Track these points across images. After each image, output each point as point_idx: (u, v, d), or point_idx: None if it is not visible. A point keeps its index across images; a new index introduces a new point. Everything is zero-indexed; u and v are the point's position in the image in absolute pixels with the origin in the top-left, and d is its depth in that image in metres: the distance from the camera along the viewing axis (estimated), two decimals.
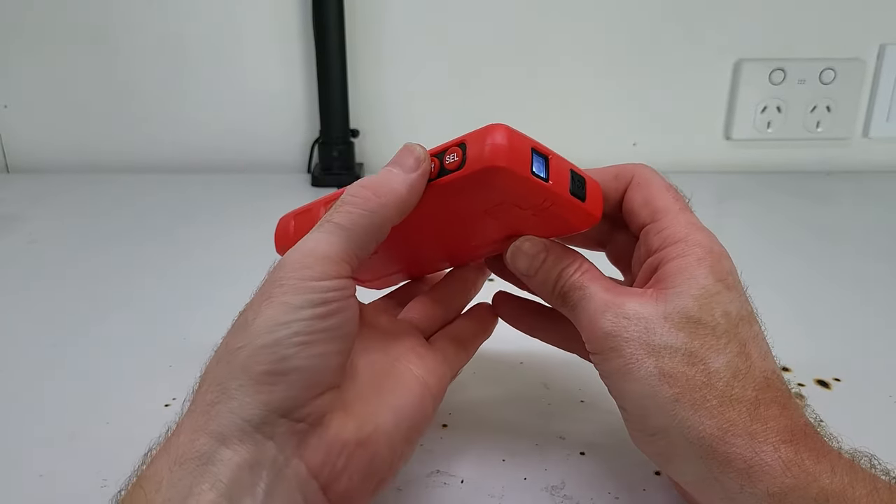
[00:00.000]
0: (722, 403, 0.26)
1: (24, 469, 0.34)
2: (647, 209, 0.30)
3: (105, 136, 0.85)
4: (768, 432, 0.25)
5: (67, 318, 0.50)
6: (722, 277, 0.28)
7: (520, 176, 0.27)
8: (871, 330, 0.49)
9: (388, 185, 0.28)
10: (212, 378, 0.26)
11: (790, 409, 0.26)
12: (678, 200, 0.30)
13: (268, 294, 0.26)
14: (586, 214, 0.29)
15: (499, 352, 0.45)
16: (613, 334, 0.28)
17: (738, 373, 0.26)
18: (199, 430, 0.25)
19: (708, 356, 0.26)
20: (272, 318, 0.25)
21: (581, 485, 0.33)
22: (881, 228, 0.68)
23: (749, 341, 0.27)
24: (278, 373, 0.25)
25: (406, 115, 0.84)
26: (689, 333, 0.27)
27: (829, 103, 0.81)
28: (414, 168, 0.28)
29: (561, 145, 0.29)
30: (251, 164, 0.86)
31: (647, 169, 0.32)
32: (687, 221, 0.29)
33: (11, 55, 0.82)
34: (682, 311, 0.27)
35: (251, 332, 0.25)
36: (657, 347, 0.27)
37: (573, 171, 0.29)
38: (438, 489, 0.33)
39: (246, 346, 0.25)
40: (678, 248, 0.29)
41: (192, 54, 0.82)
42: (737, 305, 0.28)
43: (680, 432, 0.26)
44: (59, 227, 0.68)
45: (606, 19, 0.80)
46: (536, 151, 0.27)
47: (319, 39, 0.77)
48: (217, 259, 0.60)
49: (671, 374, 0.26)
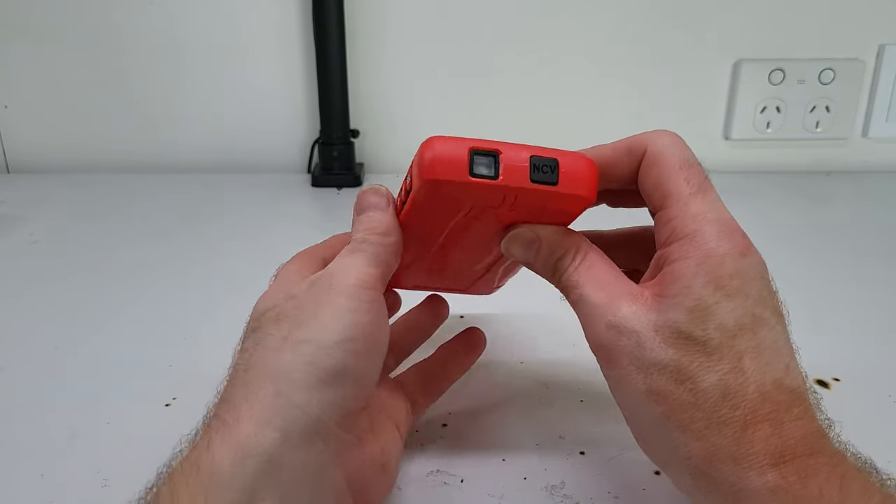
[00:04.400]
0: (709, 426, 0.25)
1: (24, 469, 0.34)
2: (657, 193, 0.28)
3: (105, 136, 0.85)
4: (755, 456, 0.24)
5: (68, 318, 0.50)
6: (722, 284, 0.26)
7: (457, 182, 0.26)
8: (871, 330, 0.49)
9: (382, 225, 0.30)
10: (274, 369, 0.26)
11: (785, 424, 0.25)
12: (691, 183, 0.28)
13: (323, 299, 0.27)
14: (566, 197, 0.28)
15: (499, 352, 0.45)
16: (606, 346, 0.27)
17: (728, 392, 0.25)
18: (264, 423, 0.25)
19: (697, 374, 0.25)
20: (336, 320, 0.27)
21: (581, 485, 0.33)
22: (881, 228, 0.68)
23: (747, 353, 0.25)
24: (341, 374, 0.26)
25: (406, 115, 0.84)
26: (679, 349, 0.26)
27: (828, 103, 0.81)
28: (387, 205, 0.30)
29: (561, 144, 0.29)
30: (251, 165, 0.86)
31: (662, 139, 0.29)
32: (696, 213, 0.27)
33: (11, 55, 0.82)
34: (674, 325, 0.26)
35: (316, 328, 0.27)
36: (647, 364, 0.26)
37: (536, 156, 0.27)
38: (438, 489, 0.33)
39: (311, 342, 0.26)
40: (680, 247, 0.27)
41: (192, 54, 0.82)
42: (737, 315, 0.26)
43: (669, 449, 0.26)
44: (59, 227, 0.68)
45: (606, 19, 0.81)
46: (479, 151, 0.27)
47: (319, 39, 0.77)
48: (217, 259, 0.60)
49: (659, 392, 0.26)
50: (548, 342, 0.45)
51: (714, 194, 0.28)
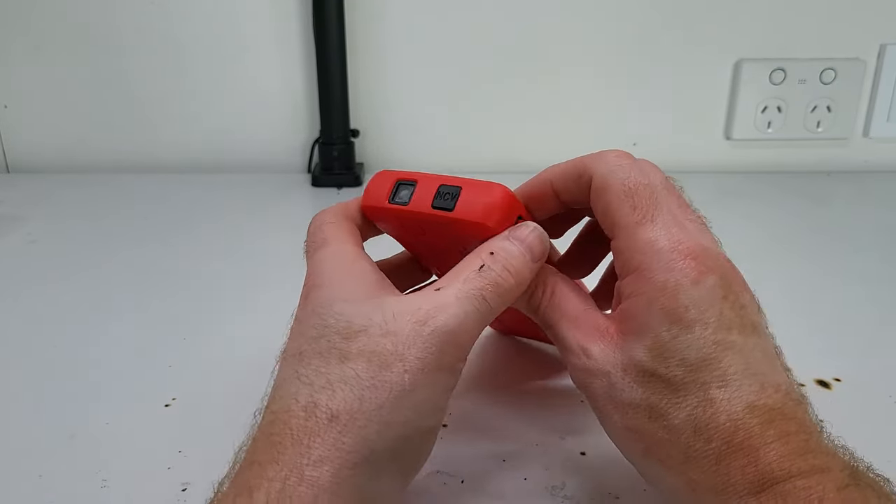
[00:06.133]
0: (685, 461, 0.25)
1: (24, 469, 0.34)
2: (606, 222, 0.28)
3: (105, 136, 0.85)
4: (734, 486, 0.24)
5: (67, 318, 0.50)
6: (678, 317, 0.25)
7: (378, 207, 0.31)
8: (871, 330, 0.49)
9: (524, 274, 0.28)
10: (359, 438, 0.25)
11: (760, 450, 0.24)
12: (637, 209, 0.27)
13: (425, 362, 0.26)
14: (464, 223, 0.29)
15: (499, 352, 0.45)
16: (584, 387, 0.28)
17: (699, 426, 0.25)
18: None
19: (668, 411, 0.26)
20: (430, 402, 0.27)
21: (581, 485, 0.33)
22: (881, 228, 0.68)
23: (713, 384, 0.25)
24: (411, 458, 0.28)
25: (406, 115, 0.84)
26: (647, 388, 0.26)
27: (829, 103, 0.81)
28: (540, 257, 0.29)
29: (561, 145, 0.29)
30: (251, 165, 0.86)
31: (605, 164, 0.28)
32: (643, 243, 0.27)
33: (11, 55, 0.82)
34: (638, 364, 0.26)
35: (409, 406, 0.26)
36: (621, 404, 0.27)
37: (444, 185, 0.30)
38: (438, 489, 0.33)
39: (405, 424, 0.26)
40: (632, 283, 0.27)
41: (192, 54, 0.82)
42: (697, 346, 0.25)
43: (656, 481, 0.27)
44: (59, 227, 0.68)
45: (607, 19, 0.80)
46: (404, 181, 0.31)
47: (319, 39, 0.77)
48: (217, 259, 0.60)
49: (636, 429, 0.27)
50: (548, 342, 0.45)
51: (665, 215, 0.27)
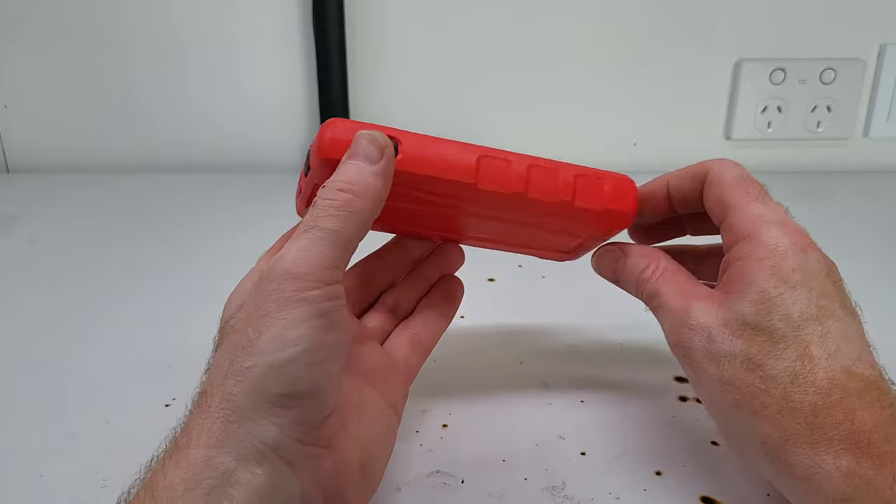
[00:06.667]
0: (780, 411, 0.26)
1: (24, 469, 0.34)
2: (719, 207, 0.31)
3: (105, 136, 0.85)
4: (829, 441, 0.25)
5: (68, 317, 0.50)
6: (785, 277, 0.28)
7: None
8: (871, 330, 0.48)
9: (363, 182, 0.27)
10: (222, 394, 0.25)
11: (857, 411, 0.25)
12: (749, 193, 0.31)
13: (264, 310, 0.25)
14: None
15: (499, 352, 0.45)
16: (681, 344, 0.30)
17: (797, 378, 0.26)
18: (215, 446, 0.24)
19: (765, 362, 0.27)
20: (279, 337, 0.24)
21: (581, 485, 0.33)
22: (881, 228, 0.68)
23: (814, 342, 0.27)
24: (293, 395, 0.25)
25: (406, 115, 0.84)
26: (747, 340, 0.27)
27: (829, 103, 0.81)
28: (380, 157, 0.28)
29: (561, 144, 0.29)
30: (251, 165, 0.85)
31: (721, 164, 0.32)
32: (754, 216, 0.30)
33: (11, 55, 0.82)
34: (740, 318, 0.28)
35: (258, 350, 0.24)
36: (718, 355, 0.28)
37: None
38: (438, 489, 0.33)
39: (256, 366, 0.24)
40: (742, 247, 0.29)
41: (192, 55, 0.82)
42: (801, 305, 0.27)
43: (745, 436, 0.28)
44: (59, 226, 0.68)
45: (607, 19, 0.80)
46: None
47: (319, 39, 0.77)
48: (217, 259, 0.60)
49: (731, 380, 0.28)
50: (548, 342, 0.45)
51: (773, 201, 0.31)
